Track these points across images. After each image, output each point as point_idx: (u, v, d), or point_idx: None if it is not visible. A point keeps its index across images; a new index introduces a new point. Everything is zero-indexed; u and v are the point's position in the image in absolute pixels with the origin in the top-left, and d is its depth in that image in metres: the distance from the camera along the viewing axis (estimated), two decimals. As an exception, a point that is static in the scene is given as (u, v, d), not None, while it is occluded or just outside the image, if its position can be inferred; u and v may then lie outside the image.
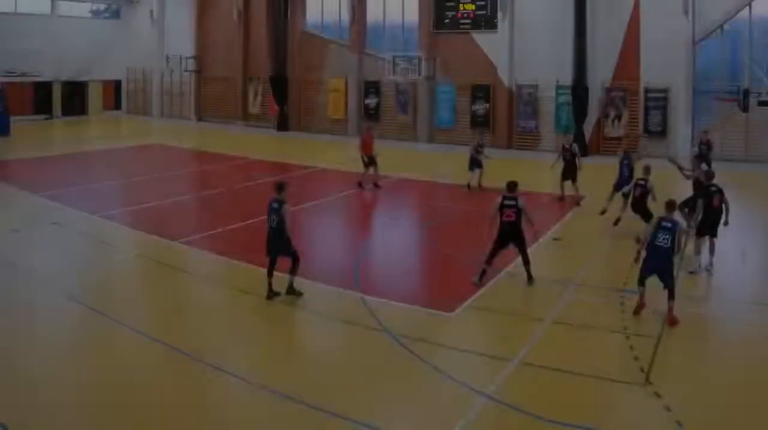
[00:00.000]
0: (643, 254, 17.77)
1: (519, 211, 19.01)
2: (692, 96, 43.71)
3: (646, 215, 22.65)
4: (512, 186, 19.39)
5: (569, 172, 30.49)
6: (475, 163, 33.26)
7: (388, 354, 14.89)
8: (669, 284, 16.89)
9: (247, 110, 63.62)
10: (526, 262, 19.40)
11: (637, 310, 17.23)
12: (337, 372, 14.33)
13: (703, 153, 29.72)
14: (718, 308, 18.31)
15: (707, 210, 20.78)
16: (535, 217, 21.20)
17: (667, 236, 16.94)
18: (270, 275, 18.17)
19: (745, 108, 29.26)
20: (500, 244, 19.24)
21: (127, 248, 23.36)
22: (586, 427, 11.83)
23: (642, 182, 23.22)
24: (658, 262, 17.04)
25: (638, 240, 19.93)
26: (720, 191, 20.86)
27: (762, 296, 18.91)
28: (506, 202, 19.06)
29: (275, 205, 18.15)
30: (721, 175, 21.77)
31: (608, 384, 13.57)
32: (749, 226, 25.22)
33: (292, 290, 18.28)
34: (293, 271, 18.22)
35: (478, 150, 33.47)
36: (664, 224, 17.02)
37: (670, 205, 17.44)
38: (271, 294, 18.15)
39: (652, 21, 44.23)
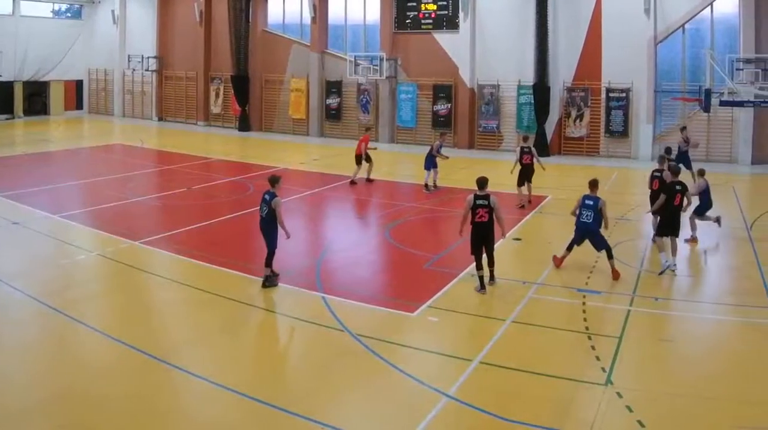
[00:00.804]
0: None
1: (491, 211, 18.46)
2: (654, 96, 43.34)
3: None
4: (482, 183, 18.77)
5: (526, 175, 29.25)
6: (430, 163, 32.63)
7: (350, 354, 14.61)
8: (601, 247, 19.59)
9: (208, 110, 62.74)
10: (491, 263, 18.93)
11: (557, 263, 20.06)
12: (298, 372, 14.25)
13: (683, 150, 29.84)
14: (679, 307, 18.00)
15: (669, 208, 20.56)
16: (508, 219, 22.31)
17: (590, 212, 19.47)
18: (267, 265, 18.64)
19: (706, 108, 28.30)
20: (479, 245, 18.66)
21: (88, 248, 22.57)
22: (547, 427, 11.64)
23: (679, 187, 21.11)
24: (586, 234, 19.59)
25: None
26: (684, 190, 20.67)
27: (723, 295, 18.83)
28: (479, 201, 18.42)
29: (267, 196, 18.40)
30: (685, 176, 21.89)
31: (570, 384, 13.28)
32: (710, 226, 24.80)
33: (267, 281, 18.61)
34: (268, 262, 18.52)
35: (437, 150, 32.89)
36: (587, 201, 19.22)
37: (593, 184, 19.61)
38: (271, 277, 18.76)
39: (613, 21, 43.98)
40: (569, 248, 20.38)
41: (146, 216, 28.32)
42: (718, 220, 23.58)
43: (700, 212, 23.41)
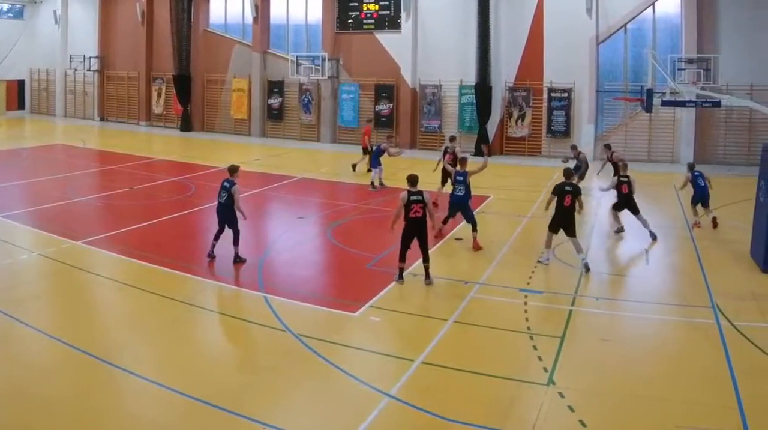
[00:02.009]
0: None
1: (425, 206, 18.43)
2: (596, 96, 42.68)
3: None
4: (414, 180, 18.79)
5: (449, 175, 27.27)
6: (375, 162, 32.27)
7: (292, 354, 14.31)
8: (469, 219, 21.80)
9: (150, 110, 60.66)
10: (426, 260, 18.71)
11: (437, 234, 21.52)
12: (240, 373, 13.82)
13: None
14: (621, 307, 17.71)
15: (559, 208, 20.62)
16: (441, 216, 22.87)
17: (462, 186, 21.94)
18: (216, 239, 20.29)
19: (648, 108, 27.18)
20: (408, 240, 18.50)
21: (30, 248, 21.87)
22: (489, 427, 11.41)
23: (569, 188, 20.88)
24: (458, 206, 21.61)
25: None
26: (576, 192, 20.69)
27: (664, 295, 18.54)
28: (413, 197, 18.33)
29: (227, 184, 19.81)
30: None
31: (511, 384, 13.05)
32: (652, 227, 24.15)
33: (237, 259, 20.01)
34: (235, 241, 20.00)
35: (382, 150, 32.32)
36: (458, 177, 21.27)
37: (463, 161, 22.10)
38: (212, 256, 20.20)
39: (555, 20, 43.21)
40: (444, 221, 22.51)
41: (88, 216, 27.50)
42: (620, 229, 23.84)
43: (618, 208, 24.04)
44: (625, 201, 23.73)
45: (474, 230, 21.91)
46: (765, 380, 13.20)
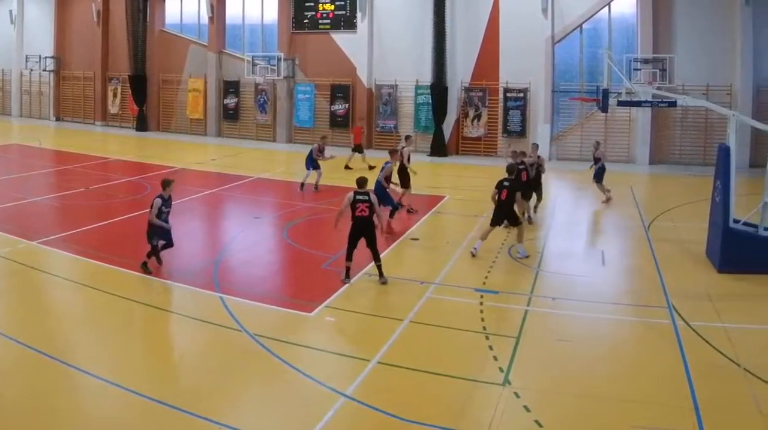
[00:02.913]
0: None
1: (371, 206, 18.13)
2: (551, 96, 42.18)
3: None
4: (361, 183, 18.56)
5: (404, 180, 27.02)
6: (311, 164, 31.26)
7: (248, 354, 14.00)
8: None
9: (106, 110, 59.35)
10: (377, 259, 18.44)
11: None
12: (196, 372, 13.46)
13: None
14: (576, 307, 17.14)
15: (498, 202, 21.00)
16: (397, 216, 23.32)
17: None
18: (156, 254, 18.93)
19: (604, 108, 26.13)
20: (354, 239, 18.24)
21: None
22: (445, 427, 11.14)
23: (506, 184, 21.16)
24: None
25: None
26: (513, 187, 20.92)
27: (620, 295, 18.26)
28: (359, 197, 18.15)
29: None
30: (584, 175, 22.53)
31: (467, 384, 12.77)
32: (604, 227, 24.90)
33: (145, 265, 18.64)
34: (160, 249, 18.82)
35: (319, 151, 31.56)
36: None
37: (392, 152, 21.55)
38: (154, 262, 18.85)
39: (511, 21, 42.68)
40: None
41: (44, 216, 26.70)
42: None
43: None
44: (528, 187, 24.21)
45: (390, 215, 23.05)
46: (721, 379, 13.00)
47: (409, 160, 27.06)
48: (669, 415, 11.60)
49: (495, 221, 20.96)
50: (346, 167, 32.15)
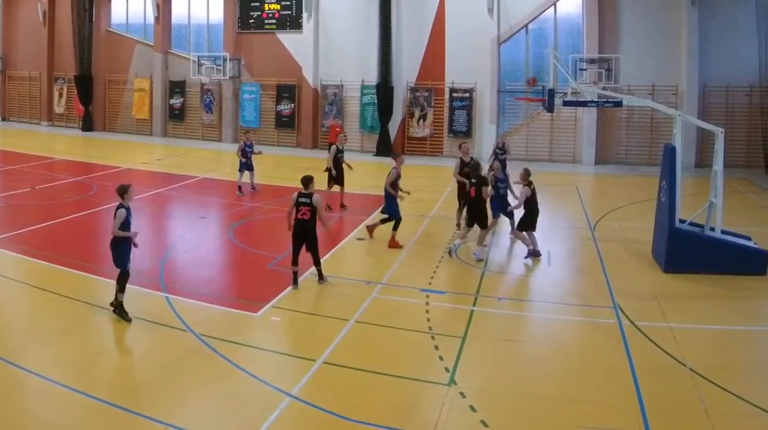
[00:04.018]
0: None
1: (313, 209, 17.42)
2: (497, 96, 41.27)
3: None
4: (306, 182, 17.75)
5: (339, 177, 26.86)
6: (245, 165, 30.11)
7: (193, 354, 13.74)
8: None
9: (52, 110, 57.33)
10: (316, 263, 18.01)
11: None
12: (142, 373, 13.25)
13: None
14: (522, 307, 17.35)
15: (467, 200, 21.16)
16: (345, 215, 23.94)
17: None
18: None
19: (550, 108, 25.28)
20: (297, 241, 17.59)
21: None
22: (391, 427, 11.01)
23: (474, 181, 20.81)
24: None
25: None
26: (480, 183, 20.46)
27: (566, 295, 17.89)
28: (301, 199, 17.53)
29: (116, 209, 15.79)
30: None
31: (413, 384, 12.60)
32: (550, 227, 24.04)
33: (120, 308, 15.40)
34: (119, 286, 15.44)
35: (245, 151, 30.13)
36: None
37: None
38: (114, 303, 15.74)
39: (457, 21, 41.97)
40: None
41: None
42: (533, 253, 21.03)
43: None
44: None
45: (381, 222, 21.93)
46: (666, 379, 12.86)
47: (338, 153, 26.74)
48: (615, 415, 11.55)
49: (470, 222, 20.70)
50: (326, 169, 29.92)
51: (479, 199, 20.33)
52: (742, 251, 19.32)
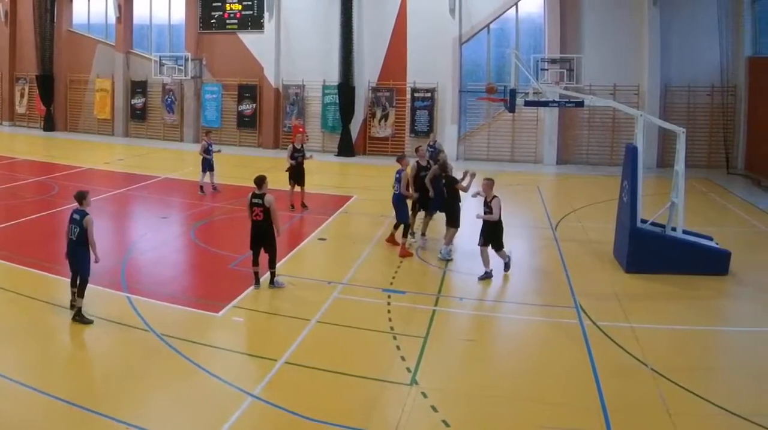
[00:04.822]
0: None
1: (266, 211, 17.16)
2: (459, 96, 40.70)
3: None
4: (258, 182, 17.50)
5: (299, 176, 26.27)
6: (207, 165, 29.60)
7: (155, 354, 13.61)
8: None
9: (13, 110, 55.66)
10: (271, 265, 17.62)
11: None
12: (103, 372, 13.12)
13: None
14: (484, 307, 17.34)
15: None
16: (306, 215, 24.35)
17: (397, 185, 19.49)
18: (72, 285, 15.56)
19: (511, 108, 24.63)
20: (254, 243, 17.42)
21: None
22: (352, 427, 10.90)
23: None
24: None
25: None
26: (449, 182, 20.50)
27: (528, 295, 17.90)
28: (254, 200, 17.33)
29: (77, 215, 15.34)
30: (491, 176, 20.15)
31: (375, 384, 12.56)
32: (512, 227, 22.24)
33: (82, 317, 15.08)
34: (81, 292, 15.21)
35: (207, 151, 29.62)
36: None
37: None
38: (74, 304, 15.46)
39: (418, 21, 41.30)
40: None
41: None
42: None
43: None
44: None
45: (395, 228, 21.33)
46: (628, 379, 12.84)
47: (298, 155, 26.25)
48: (576, 415, 11.50)
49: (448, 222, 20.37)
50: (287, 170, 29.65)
51: (451, 198, 20.13)
52: (704, 251, 19.25)
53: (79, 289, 15.24)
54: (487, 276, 18.34)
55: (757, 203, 28.63)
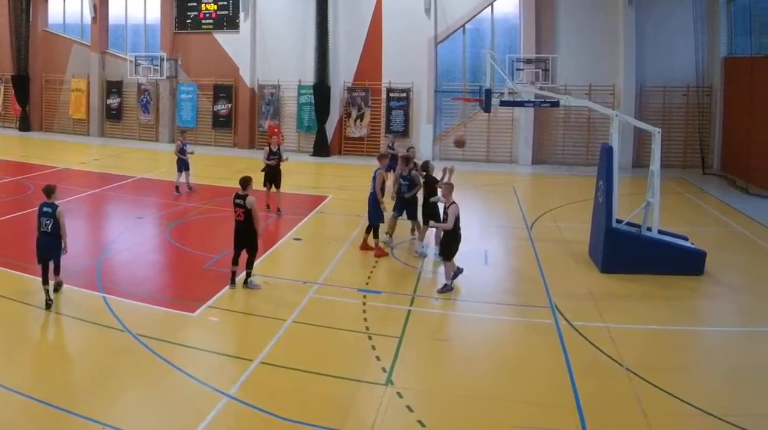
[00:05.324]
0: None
1: (247, 212, 17.16)
2: (434, 96, 40.38)
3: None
4: (243, 183, 17.50)
5: (274, 177, 25.79)
6: (182, 165, 29.37)
7: (130, 354, 13.48)
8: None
9: None
10: (248, 265, 17.49)
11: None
12: (78, 372, 12.96)
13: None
14: (459, 307, 16.97)
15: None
16: (282, 216, 24.35)
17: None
18: (45, 282, 16.01)
19: (487, 108, 24.31)
20: (236, 243, 17.40)
21: None
22: (328, 427, 10.86)
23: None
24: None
25: None
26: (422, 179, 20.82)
27: (503, 296, 17.74)
28: (237, 200, 17.38)
29: (48, 208, 16.14)
30: (466, 176, 21.64)
31: (350, 384, 12.43)
32: (487, 227, 24.31)
33: (50, 303, 15.86)
34: (57, 270, 16.33)
35: (182, 151, 29.27)
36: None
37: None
38: (50, 301, 15.90)
39: (394, 20, 40.79)
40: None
41: None
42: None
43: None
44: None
45: (367, 232, 20.80)
46: (603, 379, 12.84)
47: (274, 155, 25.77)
48: (552, 414, 11.48)
49: (426, 221, 20.34)
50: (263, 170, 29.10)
51: (429, 197, 20.05)
52: (679, 251, 19.25)
53: (55, 270, 16.14)
54: (446, 289, 17.53)
55: (732, 203, 28.55)
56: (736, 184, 31.85)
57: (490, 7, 39.22)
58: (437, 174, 20.98)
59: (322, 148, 40.56)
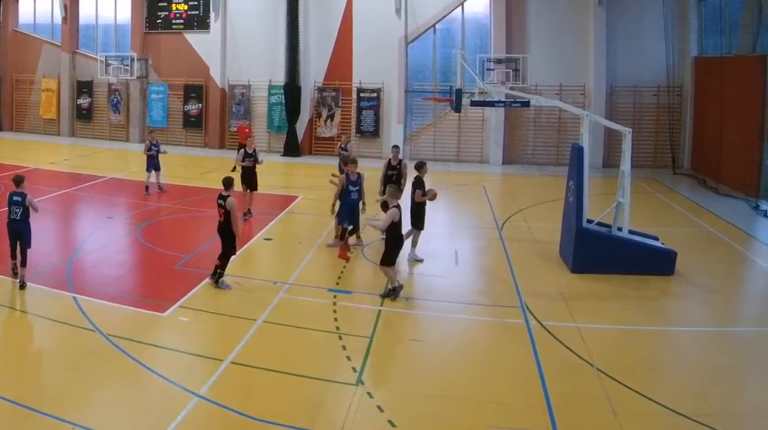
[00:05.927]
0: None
1: (227, 212, 17.21)
2: (405, 96, 39.97)
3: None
4: (225, 183, 17.49)
5: (250, 180, 25.11)
6: (152, 165, 29.05)
7: (101, 354, 13.27)
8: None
9: None
10: (222, 256, 17.45)
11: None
12: (48, 372, 12.89)
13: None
14: (430, 307, 16.75)
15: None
16: (253, 215, 24.15)
17: (356, 188, 19.14)
18: (13, 257, 16.93)
19: (457, 108, 24.33)
20: (221, 241, 17.60)
21: None
22: (298, 427, 10.83)
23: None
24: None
25: None
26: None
27: (474, 296, 17.66)
28: (219, 201, 17.43)
29: (18, 197, 16.90)
30: (437, 176, 21.44)
31: (321, 384, 12.38)
32: (458, 227, 24.49)
33: (23, 284, 16.69)
34: (24, 262, 16.74)
35: (151, 149, 28.93)
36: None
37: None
38: (16, 272, 16.92)
39: (364, 21, 40.31)
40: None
41: None
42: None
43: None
44: None
45: (350, 234, 20.50)
46: (574, 379, 12.82)
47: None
48: (522, 415, 11.52)
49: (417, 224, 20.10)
50: (233, 170, 28.81)
51: (419, 204, 19.81)
52: (650, 251, 19.25)
53: (22, 260, 16.60)
54: (389, 294, 16.93)
55: (702, 203, 28.56)
56: (706, 184, 31.79)
57: (460, 7, 38.90)
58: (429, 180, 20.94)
59: (292, 148, 40.15)
